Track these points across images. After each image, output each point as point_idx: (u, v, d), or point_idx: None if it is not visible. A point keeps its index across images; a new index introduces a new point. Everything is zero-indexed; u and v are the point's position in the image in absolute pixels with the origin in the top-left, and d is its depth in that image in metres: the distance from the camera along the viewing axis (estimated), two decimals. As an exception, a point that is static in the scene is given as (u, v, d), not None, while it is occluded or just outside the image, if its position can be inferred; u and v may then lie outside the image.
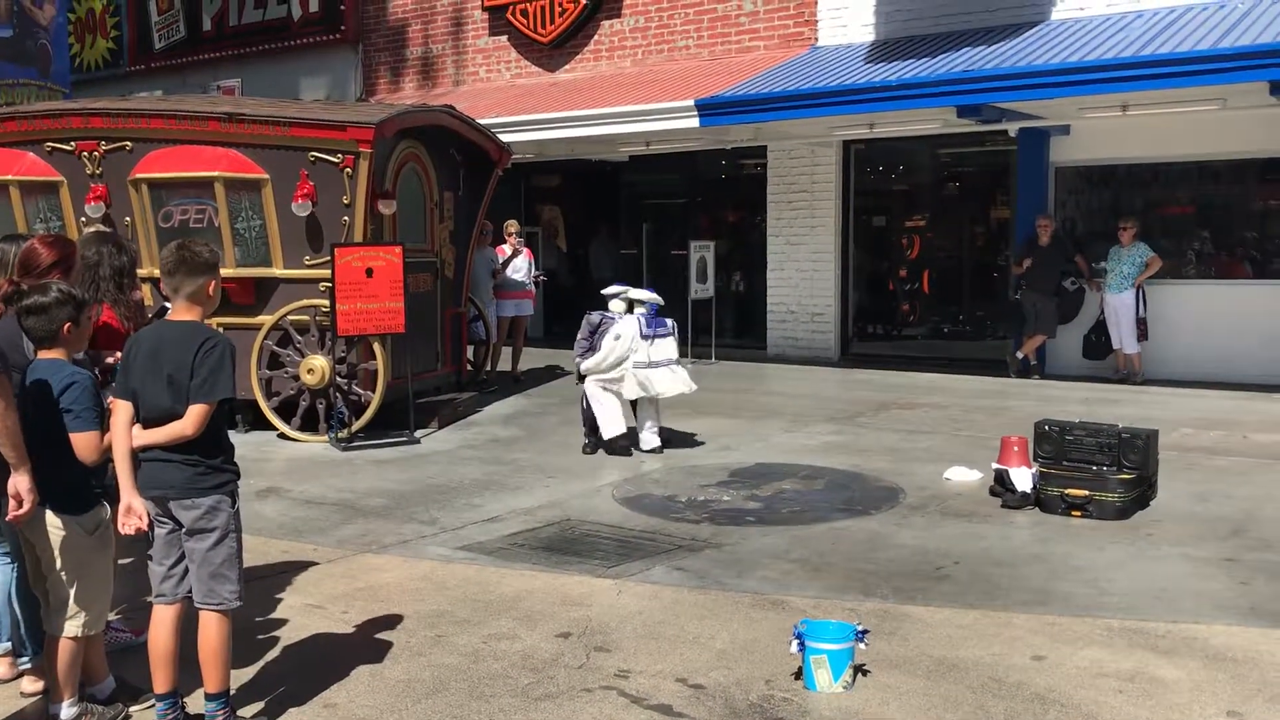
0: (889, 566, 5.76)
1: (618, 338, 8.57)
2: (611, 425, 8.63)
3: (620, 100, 13.65)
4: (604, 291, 9.12)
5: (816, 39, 14.17)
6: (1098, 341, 12.63)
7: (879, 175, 15.79)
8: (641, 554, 6.02)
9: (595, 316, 8.85)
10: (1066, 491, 6.66)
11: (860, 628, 4.30)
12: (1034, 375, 12.72)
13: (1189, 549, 5.95)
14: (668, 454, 8.68)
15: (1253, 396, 10.96)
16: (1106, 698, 4.08)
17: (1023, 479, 6.94)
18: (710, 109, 12.50)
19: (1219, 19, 10.93)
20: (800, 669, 4.26)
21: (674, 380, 8.65)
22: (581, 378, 8.87)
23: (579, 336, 8.84)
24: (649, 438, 8.77)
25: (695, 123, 12.62)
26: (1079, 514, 6.59)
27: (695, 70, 14.51)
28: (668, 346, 8.77)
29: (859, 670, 4.29)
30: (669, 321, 8.88)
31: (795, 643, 4.26)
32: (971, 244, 15.50)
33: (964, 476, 7.63)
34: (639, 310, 8.79)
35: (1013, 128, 12.42)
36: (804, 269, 14.93)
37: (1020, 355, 12.86)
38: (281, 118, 9.43)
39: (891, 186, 15.94)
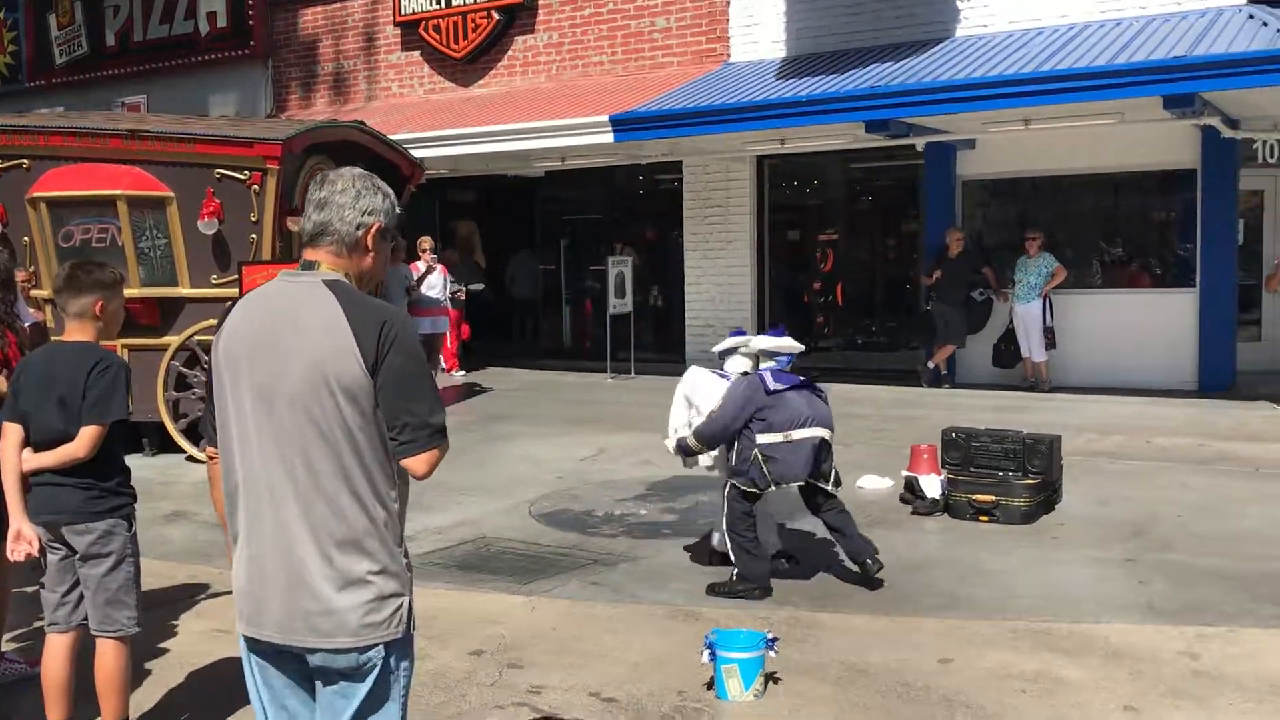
0: (799, 575, 5.80)
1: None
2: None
3: (535, 115, 13.64)
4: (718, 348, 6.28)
5: (729, 55, 14.31)
6: (1007, 350, 12.90)
7: (793, 190, 15.99)
8: (556, 570, 6.00)
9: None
10: (974, 497, 6.79)
11: (770, 636, 4.33)
12: (945, 384, 12.95)
13: (1091, 551, 6.10)
14: (585, 469, 8.66)
15: (1154, 402, 11.28)
16: (1011, 698, 4.16)
17: (932, 486, 7.06)
18: (624, 124, 12.55)
19: (1115, 35, 11.28)
20: (712, 679, 4.28)
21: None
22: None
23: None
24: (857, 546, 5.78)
25: (610, 138, 12.65)
26: (986, 519, 6.72)
27: (610, 86, 14.56)
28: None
29: (770, 678, 4.32)
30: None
31: (706, 653, 4.28)
32: (883, 256, 15.76)
33: (876, 484, 7.73)
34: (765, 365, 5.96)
35: (920, 142, 12.66)
36: (721, 283, 15.04)
37: (931, 365, 13.08)
38: (186, 134, 9.26)
39: (805, 201, 16.14)
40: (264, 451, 2.45)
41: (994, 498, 6.74)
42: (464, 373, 14.50)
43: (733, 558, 5.56)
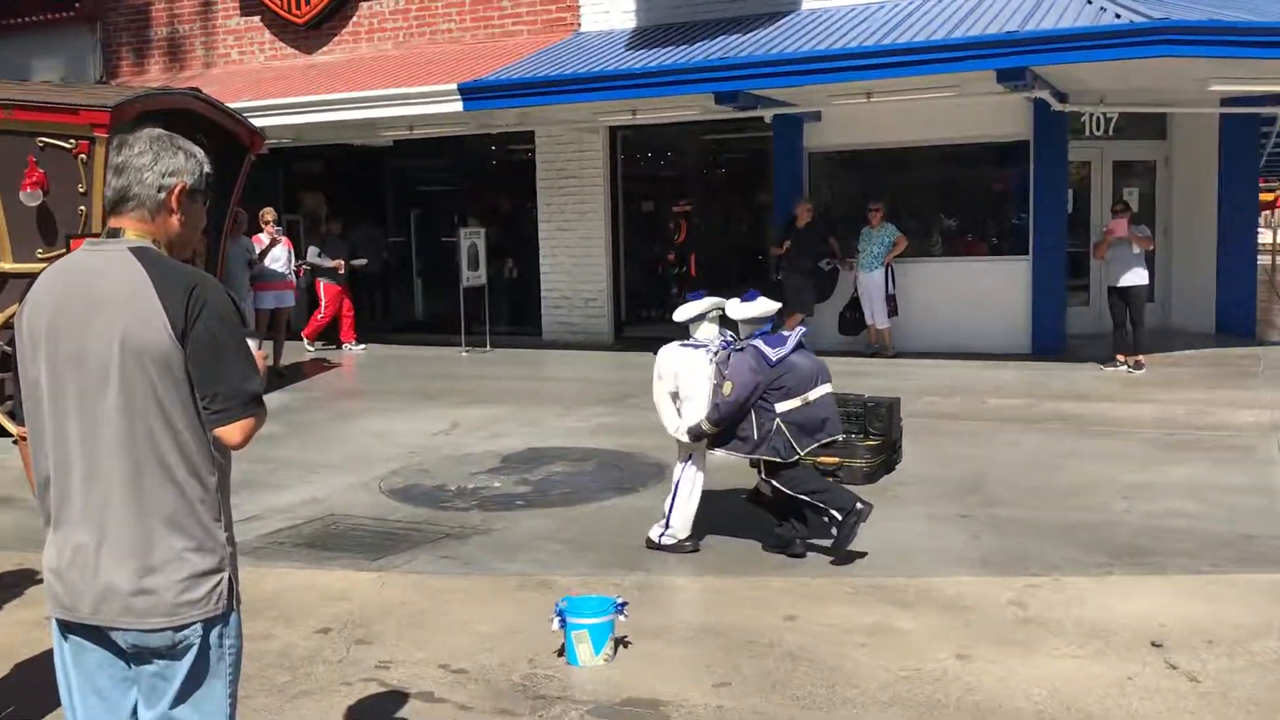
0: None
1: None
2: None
3: (382, 83, 13.35)
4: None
5: (579, 25, 14.25)
6: (852, 318, 13.27)
7: (647, 161, 16.07)
8: (407, 544, 5.93)
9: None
10: (818, 460, 6.96)
11: (620, 600, 4.37)
12: (796, 352, 13.23)
13: (929, 508, 6.34)
14: (438, 443, 8.57)
15: (990, 365, 11.76)
16: (851, 651, 4.30)
17: (781, 450, 7.20)
18: (474, 93, 12.39)
19: (952, 10, 11.64)
20: (563, 646, 4.30)
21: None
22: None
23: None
24: None
25: (459, 107, 12.47)
26: (831, 480, 6.90)
27: (458, 54, 14.34)
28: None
29: (620, 642, 4.36)
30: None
31: (557, 620, 4.30)
32: (736, 227, 16.00)
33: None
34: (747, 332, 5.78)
35: (768, 114, 12.86)
36: (576, 254, 15.03)
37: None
38: (3, 100, 8.75)
39: (659, 172, 16.25)
40: (73, 428, 2.35)
41: (838, 460, 6.93)
42: (317, 345, 14.14)
43: (822, 507, 5.44)
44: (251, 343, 2.48)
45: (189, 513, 2.38)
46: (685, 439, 5.66)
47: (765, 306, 5.73)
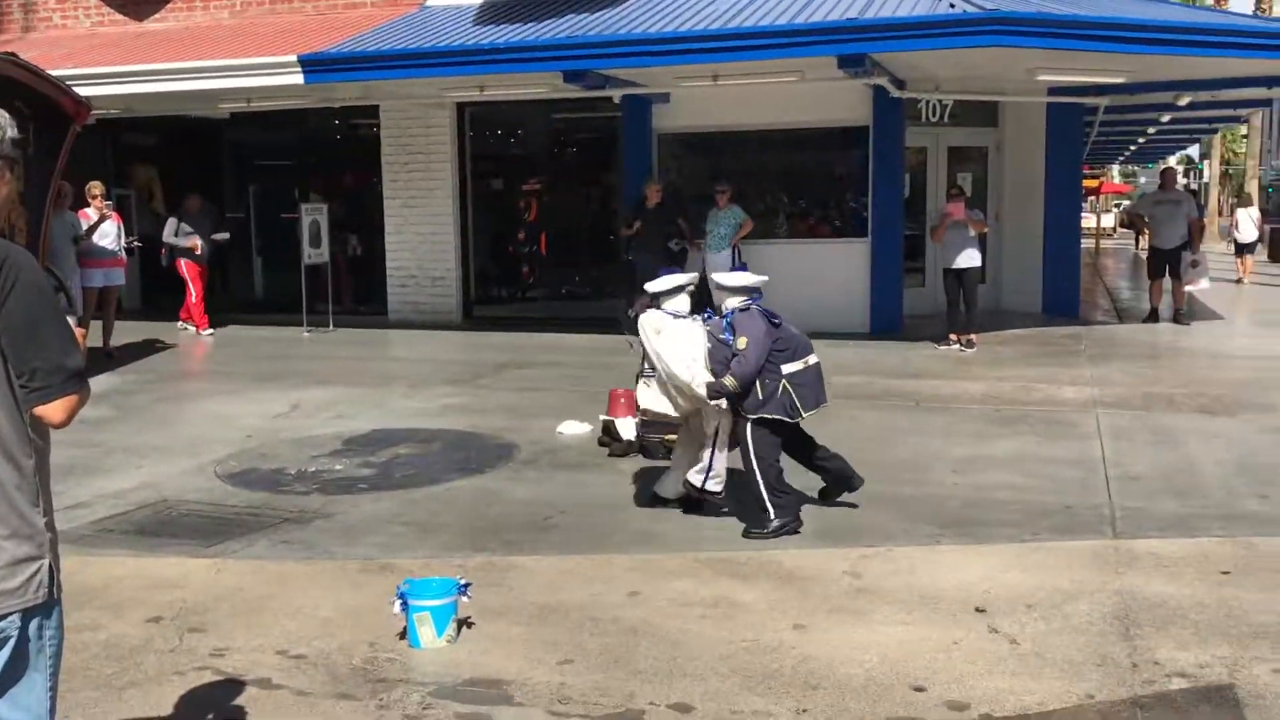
0: (499, 521, 5.86)
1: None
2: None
3: (218, 54, 12.84)
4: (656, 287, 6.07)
5: (426, -2, 14.00)
6: (700, 298, 13.43)
7: (496, 138, 15.92)
8: (244, 530, 5.76)
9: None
10: (666, 437, 7.04)
11: (463, 582, 4.35)
12: (645, 332, 13.33)
13: (771, 483, 6.47)
14: (277, 426, 8.34)
15: (831, 344, 11.98)
16: (692, 624, 4.38)
17: (628, 428, 7.28)
18: (315, 65, 12.04)
19: (797, -4, 11.86)
20: (405, 629, 4.25)
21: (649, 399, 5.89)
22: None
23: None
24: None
25: (300, 79, 12.09)
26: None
27: (300, 25, 13.91)
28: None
29: (463, 623, 4.34)
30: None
31: (398, 603, 4.25)
32: (586, 207, 16.01)
33: (575, 430, 7.88)
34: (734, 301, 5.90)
35: (616, 94, 12.88)
36: (423, 232, 14.81)
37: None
38: None
39: (509, 150, 16.13)
40: None
41: (684, 437, 7.02)
42: (211, 331, 13.56)
43: (766, 496, 5.47)
44: (70, 320, 2.37)
45: (3, 498, 2.27)
46: (702, 391, 5.57)
47: (754, 277, 5.95)
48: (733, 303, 5.81)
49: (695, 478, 5.79)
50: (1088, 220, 32.48)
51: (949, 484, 6.45)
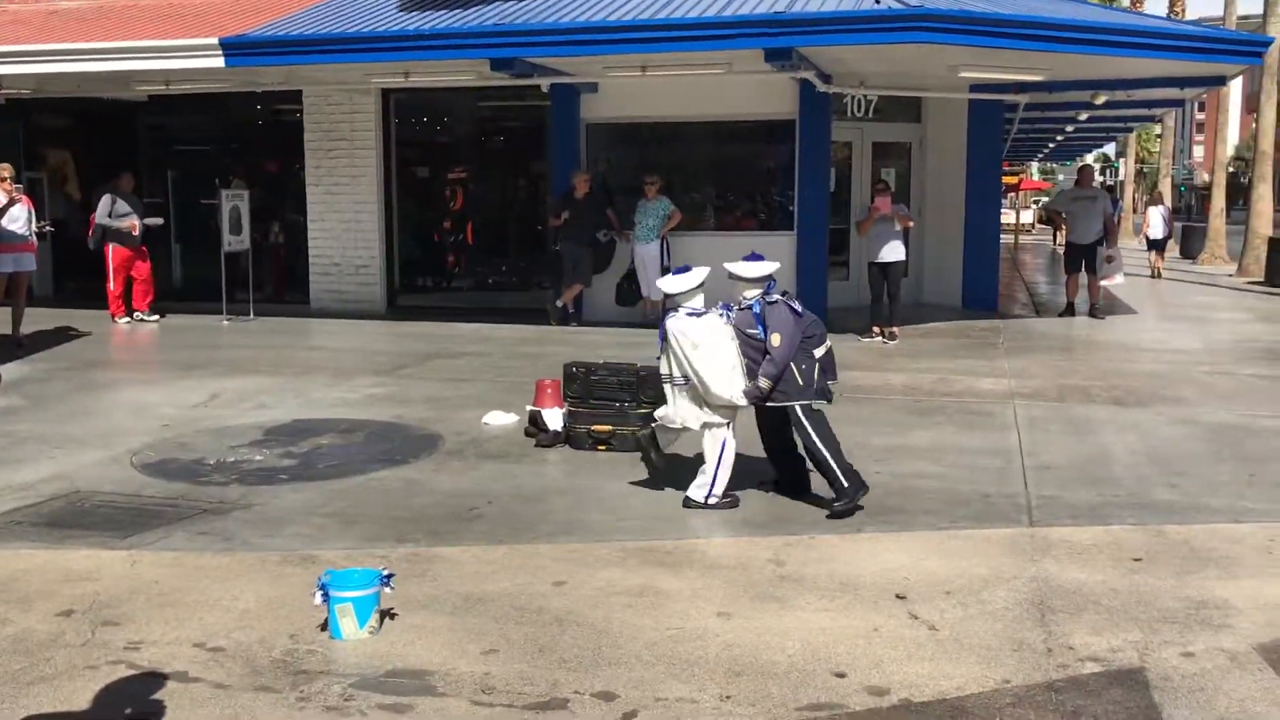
0: (424, 512, 5.81)
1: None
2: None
3: (134, 34, 12.53)
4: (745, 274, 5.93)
5: (351, -18, 13.77)
6: (629, 289, 13.46)
7: (422, 125, 15.76)
8: (161, 521, 5.64)
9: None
10: (592, 428, 7.06)
11: (386, 572, 4.31)
12: (573, 323, 13.32)
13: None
14: (196, 416, 8.18)
15: (758, 335, 12.15)
16: (617, 613, 4.39)
17: (554, 419, 7.26)
18: (237, 49, 11.80)
19: (724, -11, 11.91)
20: (326, 620, 4.20)
21: (675, 409, 5.89)
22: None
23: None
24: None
25: (220, 63, 11.85)
26: (604, 448, 7.01)
27: (221, 7, 13.62)
28: (664, 357, 5.91)
29: (386, 614, 4.30)
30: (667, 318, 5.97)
31: (319, 594, 4.19)
32: (514, 197, 15.93)
33: (501, 420, 7.84)
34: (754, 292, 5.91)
35: (545, 83, 12.81)
36: (346, 220, 14.62)
37: (560, 304, 13.41)
38: None
39: (435, 137, 15.97)
40: None
41: (610, 428, 7.04)
42: (158, 317, 13.24)
43: (840, 474, 5.63)
44: None
45: None
46: (743, 403, 5.73)
47: (771, 265, 5.94)
48: (751, 293, 5.85)
49: (697, 493, 5.81)
50: (1007, 216, 33.12)
51: (870, 473, 6.50)
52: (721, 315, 5.85)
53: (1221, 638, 4.15)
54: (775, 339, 5.67)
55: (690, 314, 5.83)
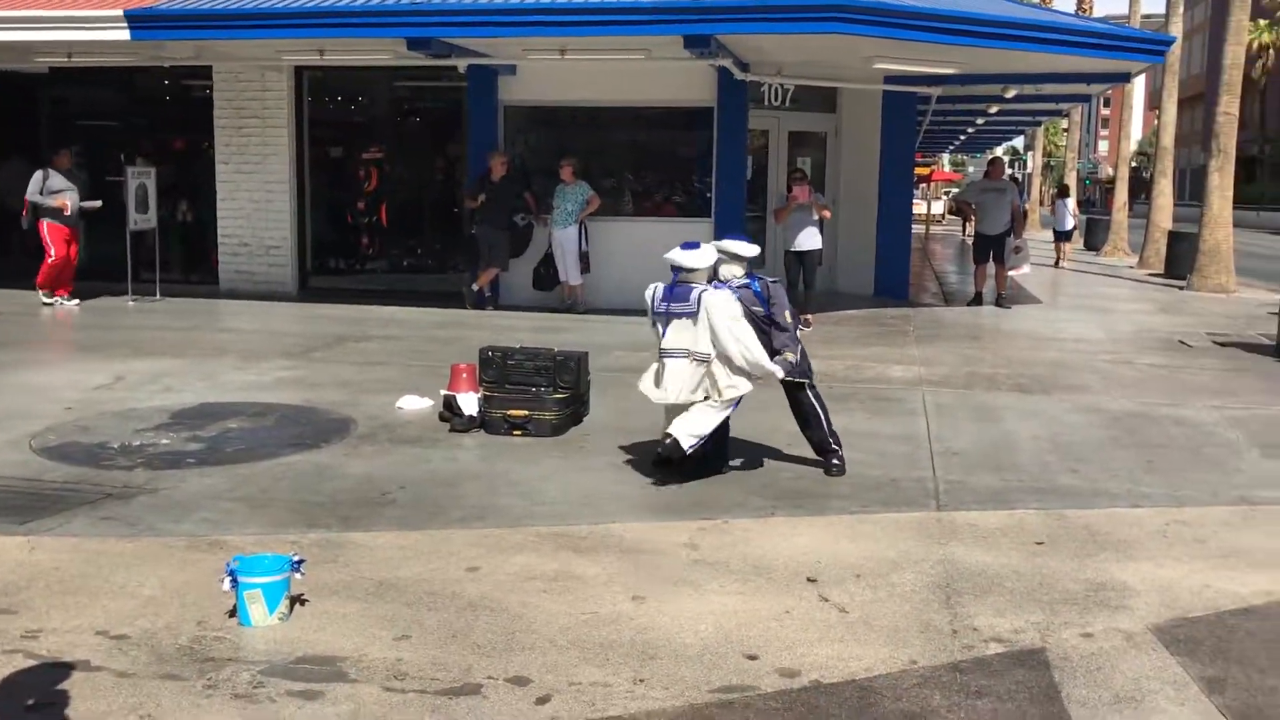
0: (336, 497, 5.74)
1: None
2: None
3: (33, 3, 12.09)
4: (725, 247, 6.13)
5: (263, -44, 13.46)
6: (546, 274, 13.41)
7: (337, 104, 15.49)
8: (62, 506, 5.48)
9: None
10: (508, 413, 7.03)
11: (296, 558, 4.24)
12: (489, 307, 13.24)
13: (614, 458, 6.54)
14: (100, 398, 7.96)
15: (675, 321, 12.20)
16: (532, 598, 4.38)
17: (469, 403, 7.21)
18: (143, 21, 11.46)
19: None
20: (235, 607, 4.13)
21: (678, 383, 5.86)
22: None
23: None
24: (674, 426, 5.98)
25: (126, 35, 11.50)
26: (520, 433, 6.99)
27: (127, -22, 13.19)
28: (683, 331, 5.87)
29: (296, 600, 4.24)
30: (696, 290, 5.88)
31: (228, 580, 4.12)
32: (430, 178, 15.75)
33: (415, 405, 7.77)
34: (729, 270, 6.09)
35: (462, 64, 12.69)
36: (257, 199, 14.32)
37: (476, 288, 13.31)
38: None
39: (350, 117, 15.71)
40: None
41: (527, 412, 7.02)
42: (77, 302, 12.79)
43: (834, 442, 6.27)
44: None
45: None
46: (781, 374, 5.99)
47: (755, 247, 6.21)
48: (740, 272, 6.05)
49: (689, 440, 5.84)
50: (919, 207, 33.70)
51: (784, 458, 6.62)
52: (729, 290, 5.94)
53: (1119, 618, 4.29)
54: (787, 315, 6.00)
55: (720, 286, 5.94)
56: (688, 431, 5.85)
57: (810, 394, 6.28)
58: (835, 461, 6.27)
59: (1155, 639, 4.09)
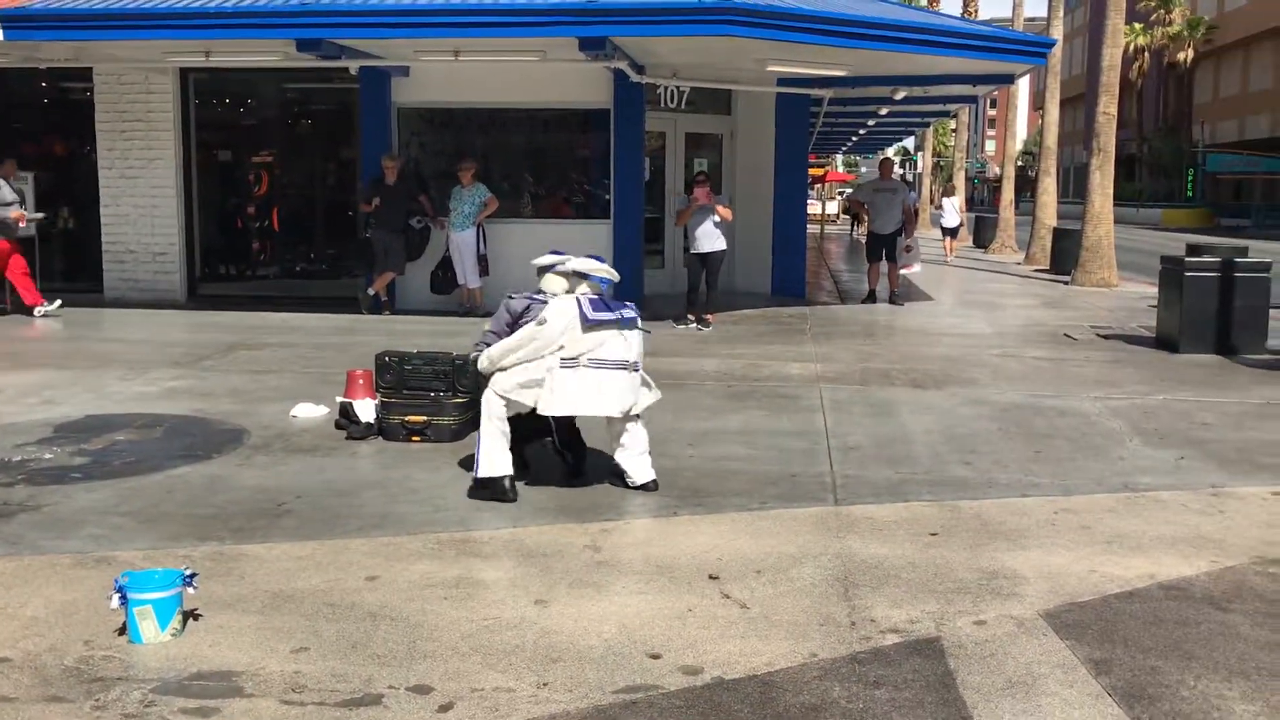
0: (229, 509, 5.60)
1: (543, 323, 5.80)
2: (492, 457, 5.73)
3: (-101, 2, 11.57)
4: (537, 261, 6.17)
5: (144, -45, 13.09)
6: (444, 277, 13.30)
7: (225, 107, 15.14)
8: (-64, 526, 5.25)
9: (519, 302, 5.99)
10: (406, 419, 6.95)
11: (189, 572, 4.13)
12: (385, 311, 13.07)
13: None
14: (-24, 412, 7.64)
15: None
16: (433, 605, 4.34)
17: (366, 410, 7.11)
18: (17, 21, 11.06)
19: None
20: (124, 624, 4.00)
21: (626, 390, 5.86)
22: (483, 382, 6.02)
23: (488, 328, 6.05)
24: (639, 465, 5.99)
25: (-1, 36, 11.09)
26: (419, 439, 6.91)
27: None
28: (630, 341, 5.91)
29: (190, 615, 4.13)
30: (632, 306, 6.10)
31: (116, 597, 3.99)
32: (323, 182, 15.50)
33: (310, 413, 7.63)
34: (581, 289, 6.00)
35: (354, 65, 12.52)
36: (142, 205, 13.92)
37: (372, 292, 13.13)
38: None
39: (239, 120, 15.38)
40: None
41: (425, 418, 6.94)
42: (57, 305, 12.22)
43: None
44: None
45: None
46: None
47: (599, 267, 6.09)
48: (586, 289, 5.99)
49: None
50: (813, 207, 34.25)
51: (684, 457, 6.66)
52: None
53: (1010, 606, 4.41)
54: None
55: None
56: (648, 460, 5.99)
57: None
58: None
59: (1045, 624, 4.22)
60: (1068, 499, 5.93)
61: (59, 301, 12.46)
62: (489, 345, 5.89)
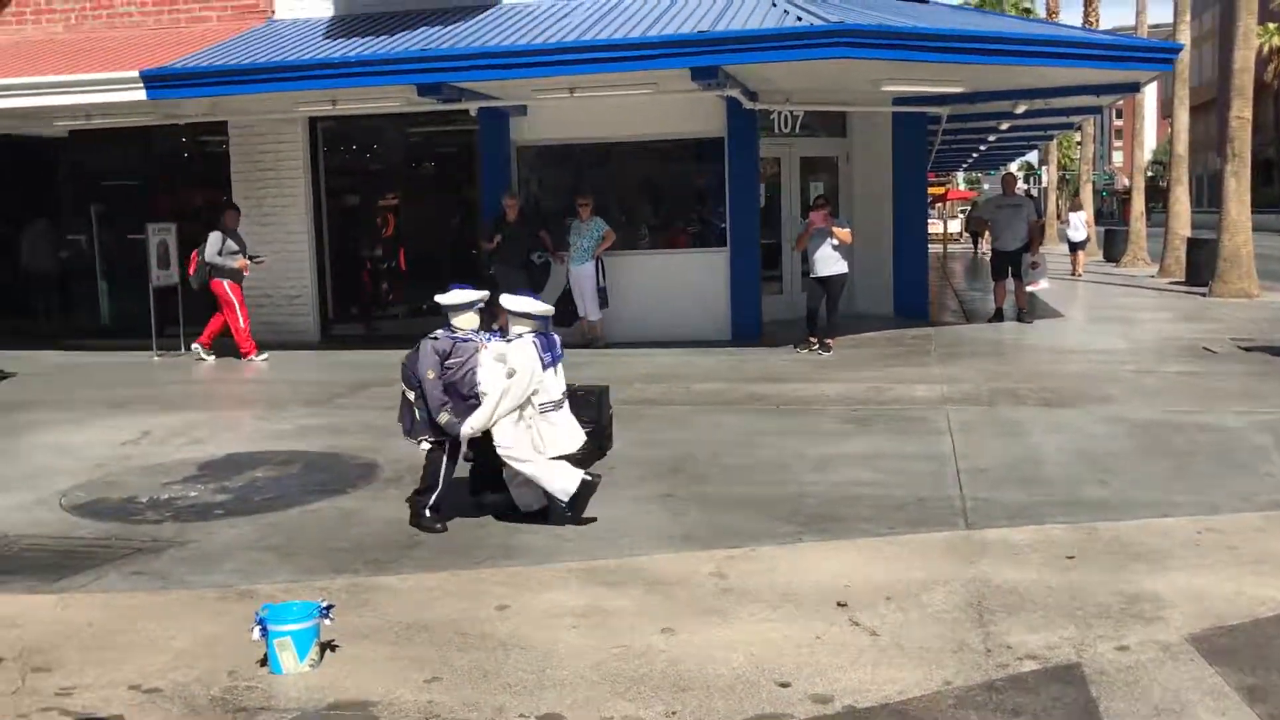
0: (362, 541, 5.76)
1: (512, 374, 5.66)
2: (556, 474, 5.82)
3: (52, 69, 12.32)
4: (450, 300, 6.10)
5: (273, 12, 13.72)
6: (564, 310, 13.44)
7: (351, 153, 15.66)
8: (93, 562, 5.52)
9: (443, 343, 5.90)
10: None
11: (325, 604, 4.25)
12: (509, 345, 13.27)
13: (637, 490, 6.54)
14: (127, 454, 8.02)
15: (694, 352, 12.25)
16: (562, 634, 4.38)
17: (492, 442, 7.21)
18: (159, 81, 11.65)
19: (649, 9, 12.00)
20: (265, 655, 4.14)
21: (574, 430, 6.03)
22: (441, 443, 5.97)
23: (429, 375, 5.86)
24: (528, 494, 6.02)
25: (142, 95, 11.68)
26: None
27: (141, 40, 13.46)
28: (560, 376, 6.03)
29: (327, 646, 4.25)
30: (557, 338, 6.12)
31: (257, 629, 4.14)
32: (446, 222, 15.86)
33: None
34: (521, 328, 5.85)
35: (473, 107, 12.82)
36: (277, 250, 14.45)
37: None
38: None
39: (365, 165, 15.88)
40: None
41: (549, 449, 7.01)
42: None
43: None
44: None
45: None
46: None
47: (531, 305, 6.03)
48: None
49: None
50: (934, 226, 33.68)
51: (808, 483, 6.60)
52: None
53: (1154, 630, 4.24)
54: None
55: (495, 337, 6.09)
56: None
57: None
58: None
59: (1193, 649, 4.05)
60: (1211, 518, 5.68)
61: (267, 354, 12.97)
62: (444, 405, 5.81)
